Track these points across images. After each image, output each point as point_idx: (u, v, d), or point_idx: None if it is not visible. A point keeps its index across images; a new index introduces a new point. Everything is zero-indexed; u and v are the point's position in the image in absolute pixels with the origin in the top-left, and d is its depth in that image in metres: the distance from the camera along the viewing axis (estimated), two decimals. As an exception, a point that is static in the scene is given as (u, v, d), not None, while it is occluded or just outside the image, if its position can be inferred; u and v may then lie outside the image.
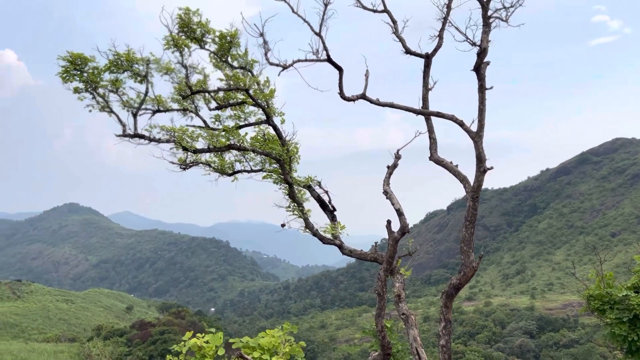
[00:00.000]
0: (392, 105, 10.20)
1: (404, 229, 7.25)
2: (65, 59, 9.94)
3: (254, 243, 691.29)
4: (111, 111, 10.59)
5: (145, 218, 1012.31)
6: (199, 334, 8.90)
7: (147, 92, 10.73)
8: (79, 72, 10.12)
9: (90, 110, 10.50)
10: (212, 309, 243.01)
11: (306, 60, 10.25)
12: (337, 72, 10.87)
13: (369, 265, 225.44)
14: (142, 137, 10.50)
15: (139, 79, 10.66)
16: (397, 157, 9.66)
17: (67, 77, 10.12)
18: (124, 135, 10.40)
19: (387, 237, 9.24)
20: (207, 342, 8.75)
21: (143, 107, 10.81)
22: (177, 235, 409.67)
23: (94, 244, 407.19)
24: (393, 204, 8.06)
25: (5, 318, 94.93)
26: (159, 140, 10.58)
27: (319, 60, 10.23)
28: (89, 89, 10.43)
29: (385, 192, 8.34)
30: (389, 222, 7.09)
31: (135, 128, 10.55)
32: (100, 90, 10.55)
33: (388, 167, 9.34)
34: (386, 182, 8.83)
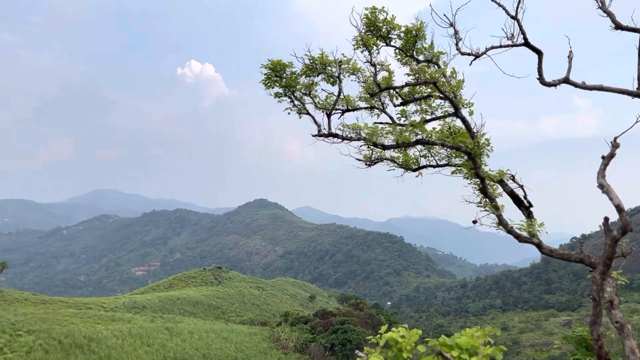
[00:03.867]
0: (601, 88, 9.09)
1: (626, 228, 6.35)
2: (267, 66, 10.84)
3: (428, 239, 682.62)
4: (307, 113, 11.27)
5: (324, 213, 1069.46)
6: (394, 328, 8.99)
7: (340, 92, 11.19)
8: (278, 78, 10.97)
9: (288, 113, 11.32)
10: (389, 303, 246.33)
11: (501, 46, 9.66)
12: (529, 57, 10.09)
13: (556, 266, 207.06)
14: (335, 136, 10.94)
15: (331, 80, 11.17)
16: (615, 145, 8.53)
17: (269, 84, 11.05)
18: (319, 135, 10.96)
19: (576, 235, 8.24)
20: (402, 336, 8.79)
21: (335, 107, 11.29)
22: (354, 230, 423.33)
23: (280, 236, 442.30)
24: (612, 199, 7.13)
25: (209, 300, 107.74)
26: (350, 139, 10.92)
27: (514, 45, 9.55)
28: (287, 93, 11.23)
29: (601, 186, 7.41)
30: (606, 219, 6.29)
31: (329, 127, 11.05)
32: (297, 94, 11.30)
33: (603, 157, 8.31)
34: (601, 174, 7.84)
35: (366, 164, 11.87)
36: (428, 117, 11.84)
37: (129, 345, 51.24)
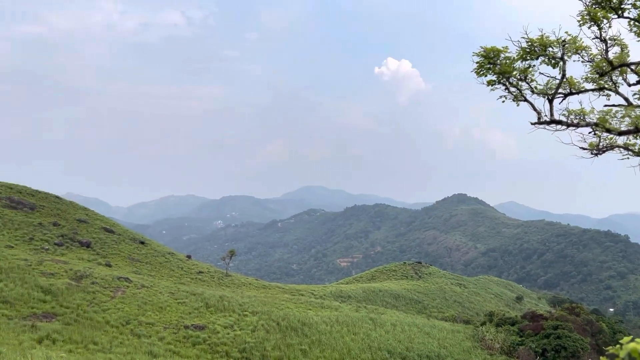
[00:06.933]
0: None
1: None
2: (479, 54, 10.33)
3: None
4: (525, 99, 10.47)
5: (530, 208, 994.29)
6: (637, 339, 7.89)
7: (564, 74, 10.13)
8: (492, 65, 10.38)
9: (503, 101, 10.62)
10: (611, 310, 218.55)
11: None
12: None
13: None
14: (559, 122, 9.95)
15: (552, 62, 10.16)
16: None
17: (481, 72, 10.52)
18: (540, 122, 10.09)
19: None
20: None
21: (557, 91, 10.28)
22: (566, 227, 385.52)
23: (481, 233, 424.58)
24: None
25: (411, 295, 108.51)
26: (577, 125, 9.80)
27: None
28: (502, 80, 10.57)
29: None
30: None
31: (552, 114, 10.09)
32: (512, 80, 10.57)
33: None
34: None
35: (592, 153, 10.57)
36: (676, 96, 10.03)
37: (337, 332, 54.35)
